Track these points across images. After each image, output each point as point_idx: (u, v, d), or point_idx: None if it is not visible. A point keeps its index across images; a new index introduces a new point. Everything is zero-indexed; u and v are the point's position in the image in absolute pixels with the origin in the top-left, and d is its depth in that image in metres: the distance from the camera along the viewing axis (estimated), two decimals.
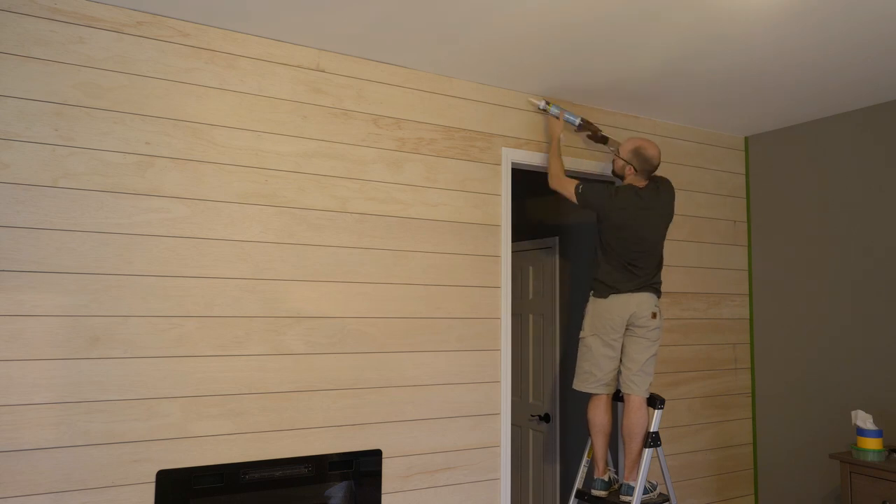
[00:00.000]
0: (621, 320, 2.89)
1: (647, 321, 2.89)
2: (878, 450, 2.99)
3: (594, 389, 2.96)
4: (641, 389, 2.90)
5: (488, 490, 2.99)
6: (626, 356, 2.93)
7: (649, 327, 2.89)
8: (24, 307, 2.19)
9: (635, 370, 2.89)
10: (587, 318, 3.00)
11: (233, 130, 2.57)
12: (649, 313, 2.89)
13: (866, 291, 3.39)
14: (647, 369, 2.91)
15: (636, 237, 2.88)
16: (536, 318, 4.31)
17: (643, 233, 2.89)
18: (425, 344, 2.89)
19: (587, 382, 2.97)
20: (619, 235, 2.90)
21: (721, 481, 3.76)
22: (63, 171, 2.27)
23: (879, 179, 3.37)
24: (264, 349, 2.56)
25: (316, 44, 2.71)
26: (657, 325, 2.91)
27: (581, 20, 2.46)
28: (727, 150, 3.98)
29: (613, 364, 2.94)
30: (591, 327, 2.96)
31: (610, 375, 2.95)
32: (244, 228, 2.56)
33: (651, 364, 2.92)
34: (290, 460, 2.57)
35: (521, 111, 3.25)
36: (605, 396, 2.99)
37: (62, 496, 2.20)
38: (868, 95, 3.27)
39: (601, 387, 2.95)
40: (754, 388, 3.91)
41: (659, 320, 2.92)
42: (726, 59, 2.81)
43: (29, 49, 2.25)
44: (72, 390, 2.24)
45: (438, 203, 2.97)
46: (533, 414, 4.25)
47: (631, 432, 2.90)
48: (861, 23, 2.46)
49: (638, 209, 2.88)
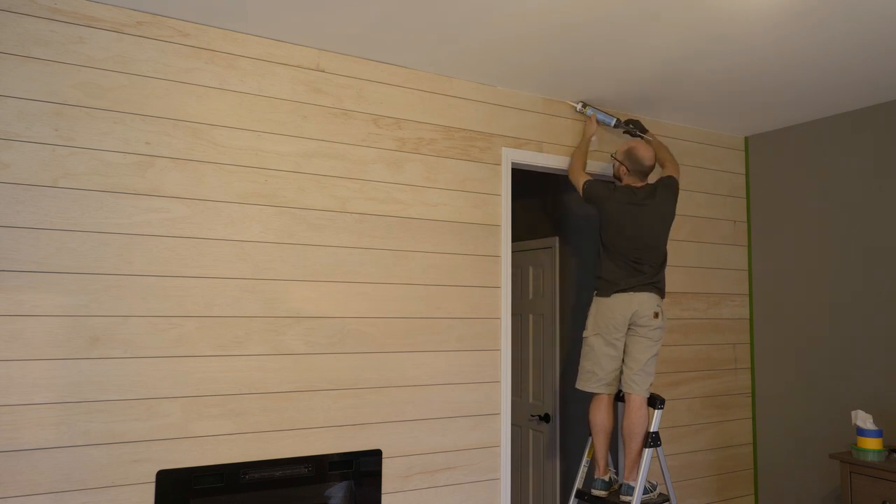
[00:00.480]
0: (623, 319, 2.91)
1: (649, 320, 2.90)
2: (878, 450, 2.99)
3: (596, 389, 2.98)
4: (642, 389, 2.91)
5: (488, 490, 2.99)
6: (628, 355, 2.95)
7: (651, 326, 2.91)
8: (24, 307, 2.19)
9: (636, 370, 2.91)
10: (590, 318, 3.02)
11: (233, 130, 2.57)
12: (651, 312, 2.91)
13: (866, 291, 3.39)
14: (648, 369, 2.92)
15: (632, 235, 2.93)
16: (536, 318, 4.31)
17: (639, 231, 2.93)
18: (425, 344, 2.89)
19: (589, 382, 2.99)
20: (615, 232, 2.96)
21: (721, 481, 3.76)
22: (63, 171, 2.27)
23: (879, 179, 3.37)
24: (264, 349, 2.56)
25: (316, 44, 2.71)
26: (659, 324, 2.93)
27: (581, 20, 2.46)
28: (727, 150, 3.98)
29: (615, 364, 2.96)
30: (594, 326, 2.98)
31: (612, 375, 2.97)
32: (244, 228, 2.56)
33: (652, 364, 2.94)
34: (290, 460, 2.57)
35: (522, 111, 3.25)
36: (606, 396, 3.00)
37: (62, 496, 2.20)
38: (868, 95, 3.27)
39: (603, 386, 2.97)
40: (754, 388, 3.91)
41: (661, 320, 2.94)
42: (726, 59, 2.81)
43: (29, 49, 2.25)
44: (72, 390, 2.24)
45: (438, 203, 2.97)
46: (533, 414, 4.25)
47: (631, 432, 2.92)
48: (861, 23, 2.46)
49: (631, 206, 2.94)
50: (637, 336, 2.93)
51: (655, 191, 3.01)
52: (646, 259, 2.94)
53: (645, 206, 2.96)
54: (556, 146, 3.33)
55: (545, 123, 3.31)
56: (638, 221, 2.94)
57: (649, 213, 2.96)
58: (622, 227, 2.94)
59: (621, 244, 2.95)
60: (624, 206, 2.95)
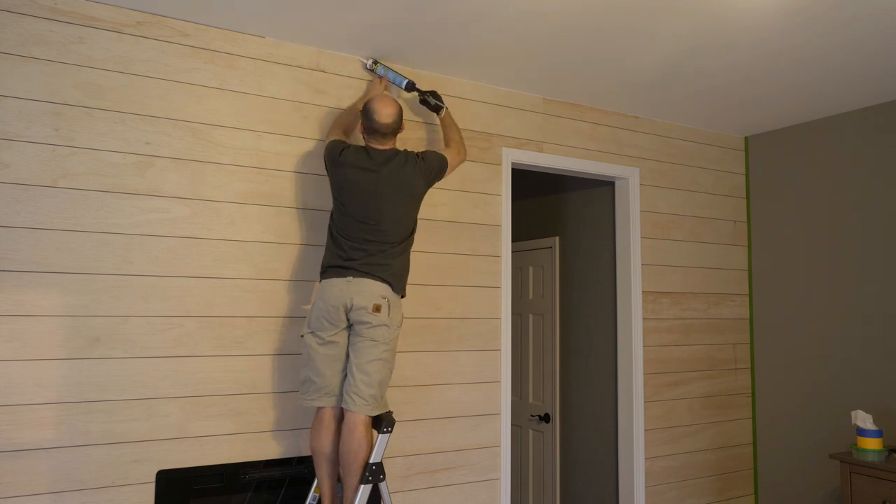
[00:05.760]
0: (336, 311, 2.29)
1: (368, 315, 2.27)
2: (878, 450, 2.99)
3: (317, 401, 2.33)
4: (361, 405, 2.25)
5: (488, 490, 2.99)
6: (349, 360, 2.33)
7: (371, 323, 2.27)
8: (24, 307, 2.19)
9: (356, 379, 2.27)
10: (309, 311, 2.41)
11: (233, 130, 2.57)
12: (370, 304, 2.28)
13: (866, 291, 3.39)
14: (370, 379, 2.27)
15: (360, 204, 2.35)
16: (536, 318, 4.31)
17: (365, 198, 2.35)
18: (425, 344, 2.89)
19: (308, 393, 2.35)
20: (341, 201, 2.39)
21: (721, 481, 3.76)
22: (63, 171, 2.27)
23: (879, 179, 3.37)
24: (264, 349, 2.56)
25: (316, 44, 2.71)
26: (383, 321, 2.29)
27: (581, 20, 2.46)
28: (727, 150, 3.98)
29: (338, 366, 2.34)
30: (308, 321, 2.37)
31: (334, 381, 2.34)
32: (244, 228, 2.56)
33: (378, 373, 2.29)
34: (289, 460, 2.57)
35: (522, 111, 3.25)
36: (329, 411, 2.35)
37: (62, 496, 2.20)
38: (868, 95, 3.27)
39: (325, 397, 2.33)
40: (754, 388, 3.91)
41: (387, 316, 2.30)
42: (726, 58, 2.81)
43: (29, 49, 2.25)
44: (72, 390, 2.24)
45: (438, 203, 2.97)
46: (533, 414, 4.25)
47: (345, 460, 2.26)
48: (861, 23, 2.46)
49: (361, 171, 2.37)
50: (356, 335, 2.31)
51: (398, 156, 2.42)
52: (372, 238, 2.34)
53: (378, 172, 2.36)
54: (556, 146, 3.33)
55: (545, 123, 3.31)
56: (366, 188, 2.35)
57: (382, 180, 2.36)
58: (349, 195, 2.37)
59: (345, 216, 2.37)
60: (352, 170, 2.37)
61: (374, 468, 2.25)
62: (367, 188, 2.35)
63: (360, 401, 2.25)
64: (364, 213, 2.34)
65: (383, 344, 2.30)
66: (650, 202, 3.63)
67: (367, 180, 2.36)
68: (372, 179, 2.36)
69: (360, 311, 2.28)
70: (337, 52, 2.78)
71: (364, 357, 2.28)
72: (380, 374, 2.29)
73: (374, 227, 2.34)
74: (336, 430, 2.35)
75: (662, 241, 3.66)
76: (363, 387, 2.26)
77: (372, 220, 2.34)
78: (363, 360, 2.28)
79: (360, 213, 2.34)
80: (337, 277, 2.31)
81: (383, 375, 2.31)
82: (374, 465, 2.26)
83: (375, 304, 2.29)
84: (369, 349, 2.28)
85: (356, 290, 2.28)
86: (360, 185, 2.35)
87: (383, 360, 2.30)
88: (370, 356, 2.28)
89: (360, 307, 2.27)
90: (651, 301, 3.58)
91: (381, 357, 2.29)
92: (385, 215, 2.35)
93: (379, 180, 2.36)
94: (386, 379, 2.33)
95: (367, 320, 2.27)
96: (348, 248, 2.34)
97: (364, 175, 2.36)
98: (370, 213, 2.34)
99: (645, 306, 3.56)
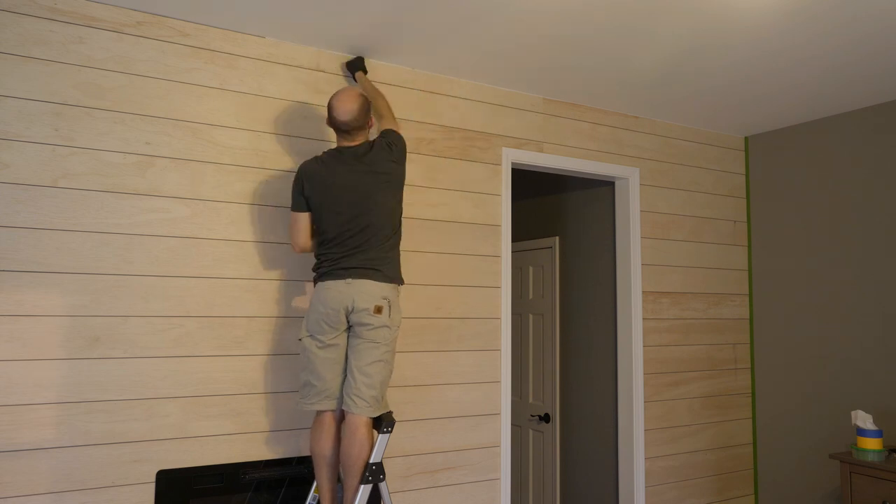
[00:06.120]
0: (336, 314, 2.28)
1: (369, 316, 2.26)
2: (878, 450, 2.99)
3: (318, 405, 2.33)
4: (363, 406, 2.25)
5: (488, 490, 2.99)
6: (348, 362, 2.33)
7: (371, 325, 2.27)
8: (24, 307, 2.19)
9: (357, 381, 2.27)
10: (306, 314, 2.41)
11: (233, 130, 2.57)
12: (371, 306, 2.27)
13: (866, 291, 3.39)
14: (372, 381, 2.27)
15: (344, 202, 2.32)
16: (536, 318, 4.31)
17: (342, 192, 2.32)
18: (425, 344, 2.89)
19: (308, 397, 2.34)
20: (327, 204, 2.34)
21: (721, 481, 3.76)
22: (63, 171, 2.27)
23: (879, 179, 3.37)
24: (264, 349, 2.56)
25: (316, 44, 2.71)
26: (384, 322, 2.28)
27: (581, 20, 2.46)
28: (727, 150, 3.98)
29: (337, 369, 2.34)
30: (306, 325, 2.36)
31: (334, 384, 2.34)
32: (244, 228, 2.56)
33: (379, 374, 2.29)
34: (289, 460, 2.57)
35: (522, 111, 3.25)
36: (329, 415, 2.36)
37: (62, 496, 2.20)
38: (868, 95, 3.27)
39: (325, 401, 2.33)
40: (754, 388, 3.91)
41: (387, 317, 2.29)
42: (726, 58, 2.81)
43: (29, 49, 2.25)
44: (72, 390, 2.24)
45: (438, 203, 2.97)
46: (533, 414, 4.25)
47: (346, 462, 2.26)
48: (861, 23, 2.46)
49: (339, 169, 2.34)
50: (356, 337, 2.30)
51: (371, 150, 2.37)
52: (368, 234, 2.32)
53: (354, 168, 2.33)
54: (556, 146, 3.33)
55: (545, 123, 3.31)
56: (344, 184, 2.32)
57: (360, 176, 2.33)
58: (333, 197, 2.33)
59: (332, 217, 2.33)
60: (331, 170, 2.34)
61: (375, 468, 2.26)
62: (346, 184, 2.31)
63: (362, 402, 2.25)
64: (353, 212, 2.31)
65: (384, 345, 2.29)
66: (650, 202, 3.63)
67: (349, 178, 2.32)
68: (352, 177, 2.32)
69: (362, 313, 2.26)
70: (337, 52, 2.78)
71: (365, 359, 2.27)
72: (380, 375, 2.29)
73: (365, 225, 2.31)
74: (336, 433, 2.36)
75: (662, 241, 3.66)
76: (364, 388, 2.26)
77: (362, 218, 2.31)
78: (364, 362, 2.27)
79: (347, 213, 2.31)
80: (335, 280, 2.28)
81: (384, 376, 2.30)
82: (375, 465, 2.26)
83: (377, 305, 2.27)
84: (370, 351, 2.27)
85: (357, 292, 2.26)
86: (343, 186, 2.32)
87: (384, 362, 2.29)
88: (371, 358, 2.27)
89: (361, 309, 2.25)
90: (651, 301, 3.58)
91: (381, 358, 2.28)
92: (372, 209, 2.32)
93: (359, 177, 2.32)
94: (386, 380, 2.32)
95: (367, 322, 2.26)
96: (343, 251, 2.31)
97: (346, 173, 2.32)
98: (360, 210, 2.31)
99: (645, 306, 3.56)
